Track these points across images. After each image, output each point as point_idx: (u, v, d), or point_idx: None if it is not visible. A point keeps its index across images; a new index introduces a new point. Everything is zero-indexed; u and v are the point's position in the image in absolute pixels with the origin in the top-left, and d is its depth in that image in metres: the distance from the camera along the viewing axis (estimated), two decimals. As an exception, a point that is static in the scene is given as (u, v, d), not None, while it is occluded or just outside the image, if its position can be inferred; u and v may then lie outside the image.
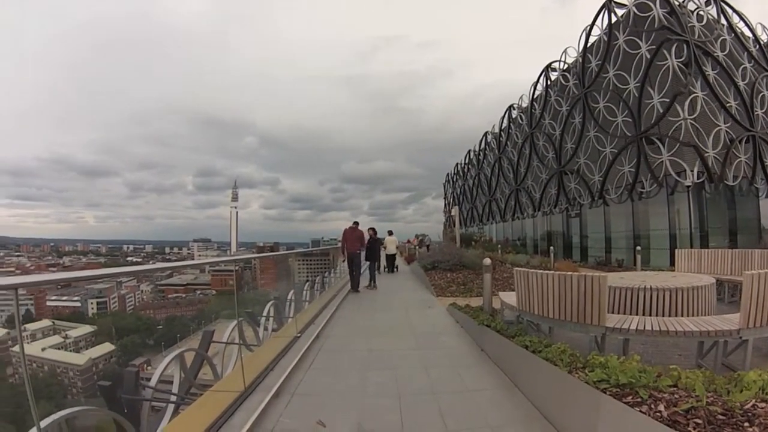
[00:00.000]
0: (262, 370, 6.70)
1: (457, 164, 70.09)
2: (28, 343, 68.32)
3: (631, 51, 25.16)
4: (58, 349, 68.55)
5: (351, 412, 5.24)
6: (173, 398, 6.05)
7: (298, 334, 9.39)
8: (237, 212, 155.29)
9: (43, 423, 3.66)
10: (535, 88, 39.10)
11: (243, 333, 7.93)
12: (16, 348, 46.95)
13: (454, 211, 35.68)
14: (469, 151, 62.44)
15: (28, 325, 75.20)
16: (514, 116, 45.59)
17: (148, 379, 6.35)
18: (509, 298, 8.76)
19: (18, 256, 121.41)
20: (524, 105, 42.30)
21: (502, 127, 48.06)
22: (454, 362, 7.33)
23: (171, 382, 6.32)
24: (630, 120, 25.25)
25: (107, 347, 69.17)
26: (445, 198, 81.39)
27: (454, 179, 72.12)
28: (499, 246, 34.01)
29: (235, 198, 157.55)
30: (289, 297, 12.10)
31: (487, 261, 9.97)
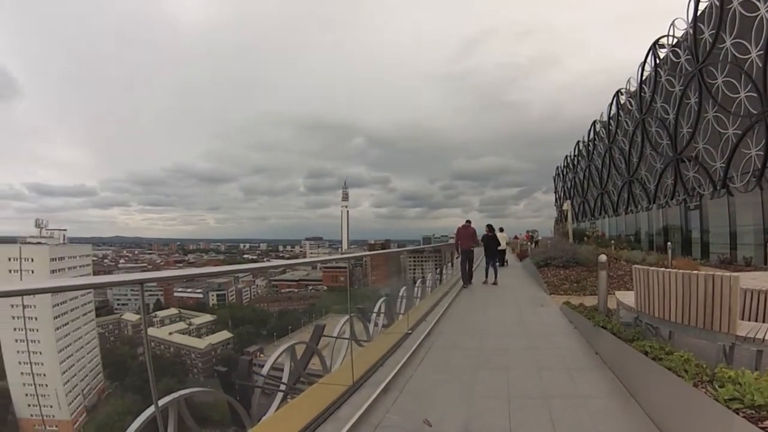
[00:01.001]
0: (371, 366, 6.74)
1: (566, 156, 67.76)
2: (157, 328, 75.39)
3: (749, 14, 22.34)
4: (183, 333, 74.86)
5: (459, 413, 5.14)
6: (282, 387, 6.22)
7: (409, 331, 9.38)
8: (348, 211, 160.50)
9: (168, 398, 4.13)
10: (642, 69, 36.56)
11: (354, 328, 7.88)
12: (149, 330, 51.24)
13: (566, 205, 34.26)
14: (578, 143, 60.15)
15: (158, 312, 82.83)
16: (622, 102, 43.13)
17: (261, 367, 6.74)
18: (626, 298, 8.25)
19: (150, 253, 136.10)
20: (632, 89, 39.87)
21: (611, 115, 45.82)
22: (566, 365, 7.07)
23: (281, 371, 6.49)
24: (755, 95, 22.27)
25: (225, 335, 74.42)
26: (555, 192, 78.94)
27: (564, 172, 69.68)
28: (612, 242, 32.45)
29: (345, 197, 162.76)
30: (400, 294, 12.10)
31: (603, 258, 9.55)
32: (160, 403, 3.89)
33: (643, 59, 36.29)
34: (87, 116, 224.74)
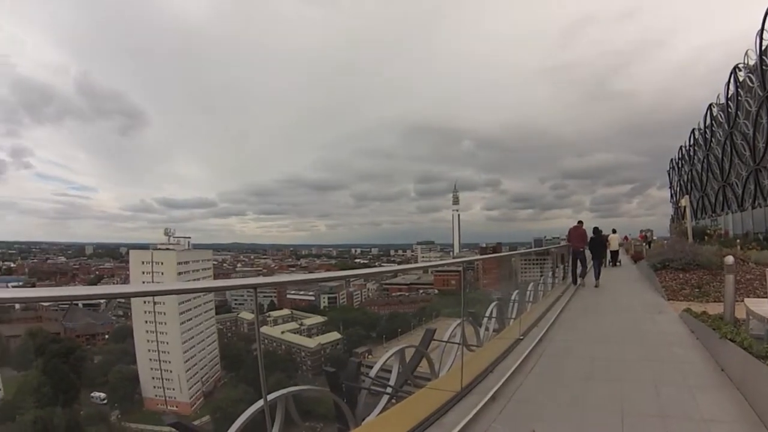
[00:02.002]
0: (480, 372, 6.52)
1: (681, 147, 62.30)
2: (270, 326, 79.37)
3: None
4: (294, 333, 77.64)
5: (568, 427, 4.89)
6: (389, 389, 6.35)
7: (521, 337, 9.03)
8: (458, 214, 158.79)
9: (277, 393, 4.66)
10: (761, 38, 32.33)
11: (465, 333, 7.68)
12: (261, 329, 54.29)
13: (684, 201, 31.63)
14: (693, 131, 54.93)
15: (272, 312, 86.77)
16: (741, 79, 38.34)
17: (369, 368, 6.86)
18: (759, 306, 7.26)
19: (264, 258, 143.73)
20: (752, 62, 35.18)
21: (729, 96, 41.12)
22: (687, 380, 6.40)
23: (389, 373, 6.54)
24: None
25: (335, 335, 76.39)
26: (670, 187, 73.19)
27: (680, 165, 64.06)
28: (738, 241, 28.92)
29: (456, 201, 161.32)
30: (512, 298, 11.82)
31: (730, 259, 8.49)
32: (270, 397, 4.52)
33: (760, 26, 32.23)
34: (206, 136, 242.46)
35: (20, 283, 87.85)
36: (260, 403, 4.31)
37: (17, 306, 70.53)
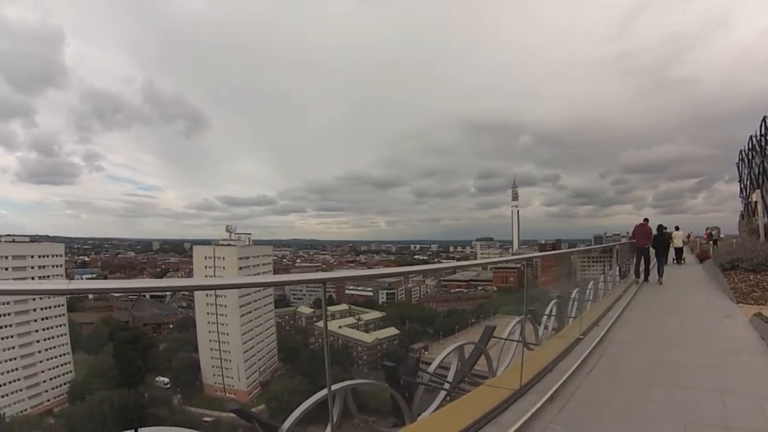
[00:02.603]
0: (539, 371, 6.42)
1: (751, 137, 58.30)
2: (329, 321, 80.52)
3: None
4: (352, 327, 78.55)
5: None
6: (446, 385, 6.37)
7: (581, 336, 8.77)
8: (518, 211, 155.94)
9: (339, 385, 4.89)
10: None
11: (524, 331, 7.76)
12: (319, 323, 56.52)
13: (755, 196, 30.40)
14: (764, 118, 51.52)
15: (330, 307, 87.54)
16: None
17: (426, 364, 6.89)
18: None
19: (324, 254, 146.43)
20: None
21: None
22: (757, 392, 5.93)
23: (446, 370, 6.56)
24: None
25: (392, 331, 76.96)
26: (740, 181, 68.51)
27: (750, 156, 59.85)
28: None
29: (515, 197, 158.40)
30: (572, 296, 11.59)
31: None
32: (333, 388, 4.65)
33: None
34: (265, 137, 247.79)
35: (93, 275, 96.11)
36: (324, 392, 4.59)
37: (90, 296, 76.23)
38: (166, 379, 65.43)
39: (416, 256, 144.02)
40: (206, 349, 70.00)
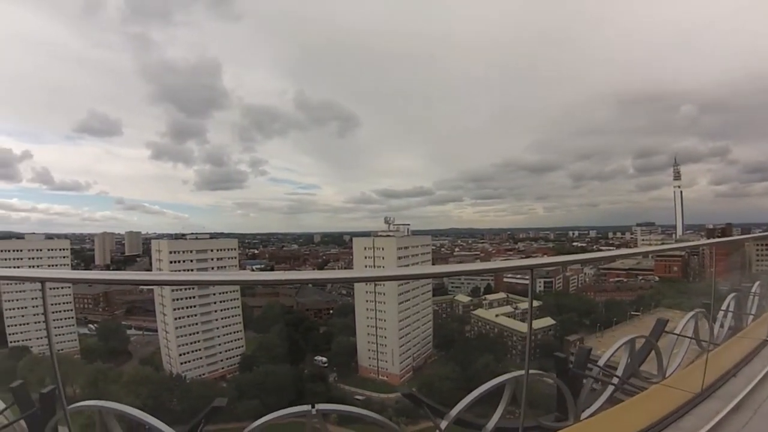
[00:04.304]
0: (720, 375, 5.93)
1: None
2: (485, 309, 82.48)
3: None
4: (508, 317, 78.71)
5: None
6: (615, 380, 6.16)
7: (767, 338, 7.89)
8: (681, 192, 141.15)
9: (507, 375, 5.07)
10: None
11: (698, 328, 7.34)
12: (476, 312, 66.60)
13: None
14: None
15: (488, 296, 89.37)
16: None
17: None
18: None
19: (482, 242, 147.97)
20: None
21: None
22: None
23: (609, 363, 6.29)
24: None
25: (548, 321, 75.39)
26: None
27: None
28: None
29: (677, 176, 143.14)
30: (753, 290, 10.27)
31: None
32: (502, 379, 5.07)
33: None
34: (417, 129, 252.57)
35: (262, 266, 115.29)
36: (499, 380, 5.01)
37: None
38: (324, 359, 71.92)
39: (574, 243, 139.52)
40: (363, 333, 75.22)
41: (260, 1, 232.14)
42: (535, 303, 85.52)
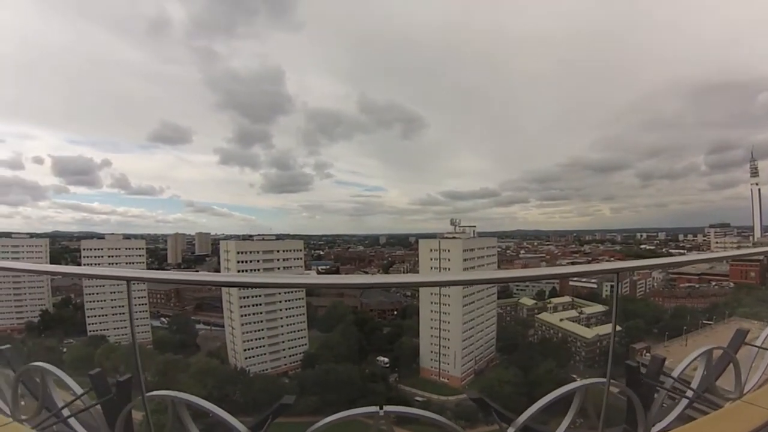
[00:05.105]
0: None
1: None
2: (549, 313, 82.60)
3: None
4: (573, 321, 78.39)
5: None
6: (689, 393, 5.83)
7: None
8: (758, 189, 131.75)
9: (580, 383, 4.99)
10: None
11: None
12: (540, 315, 69.43)
13: None
14: None
15: (552, 299, 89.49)
16: None
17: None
18: None
19: (547, 244, 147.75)
20: None
21: None
22: None
23: (687, 378, 5.94)
24: None
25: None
26: None
27: None
28: None
29: (754, 172, 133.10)
30: None
31: None
32: (574, 386, 5.00)
33: None
34: (480, 130, 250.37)
35: (327, 266, 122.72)
36: (571, 387, 4.97)
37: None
38: (386, 359, 74.00)
39: (642, 246, 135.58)
40: (426, 335, 76.71)
41: (319, 9, 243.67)
42: (601, 308, 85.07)
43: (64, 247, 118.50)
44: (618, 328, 71.77)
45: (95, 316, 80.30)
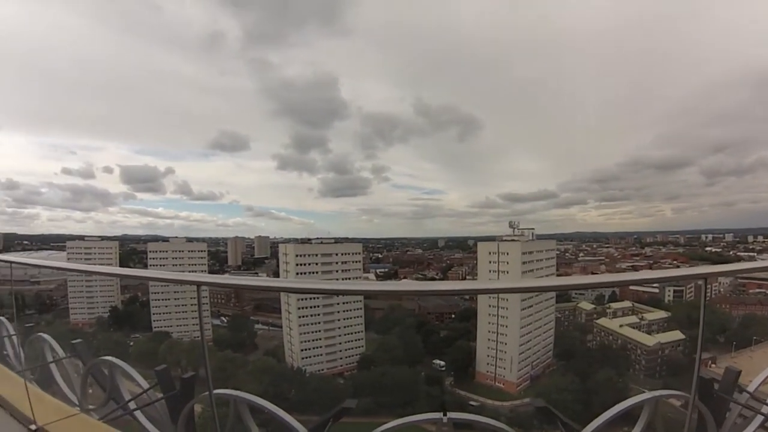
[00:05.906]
0: None
1: None
2: (608, 318, 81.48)
3: None
4: (633, 327, 76.92)
5: None
6: (766, 410, 5.35)
7: None
8: None
9: (647, 395, 4.98)
10: None
11: None
12: (599, 321, 69.66)
13: None
14: None
15: (612, 304, 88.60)
16: None
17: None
18: None
19: (607, 247, 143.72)
20: None
21: None
22: None
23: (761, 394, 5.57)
24: None
25: (677, 335, 72.88)
26: None
27: None
28: None
29: None
30: None
31: None
32: (644, 397, 4.99)
33: None
34: (536, 131, 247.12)
35: (386, 269, 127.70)
36: (640, 398, 4.98)
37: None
38: (443, 363, 74.35)
39: (707, 249, 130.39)
40: (484, 339, 77.03)
41: (369, 14, 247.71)
42: (663, 314, 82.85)
43: (132, 249, 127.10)
44: (681, 336, 72.69)
45: (160, 313, 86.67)
